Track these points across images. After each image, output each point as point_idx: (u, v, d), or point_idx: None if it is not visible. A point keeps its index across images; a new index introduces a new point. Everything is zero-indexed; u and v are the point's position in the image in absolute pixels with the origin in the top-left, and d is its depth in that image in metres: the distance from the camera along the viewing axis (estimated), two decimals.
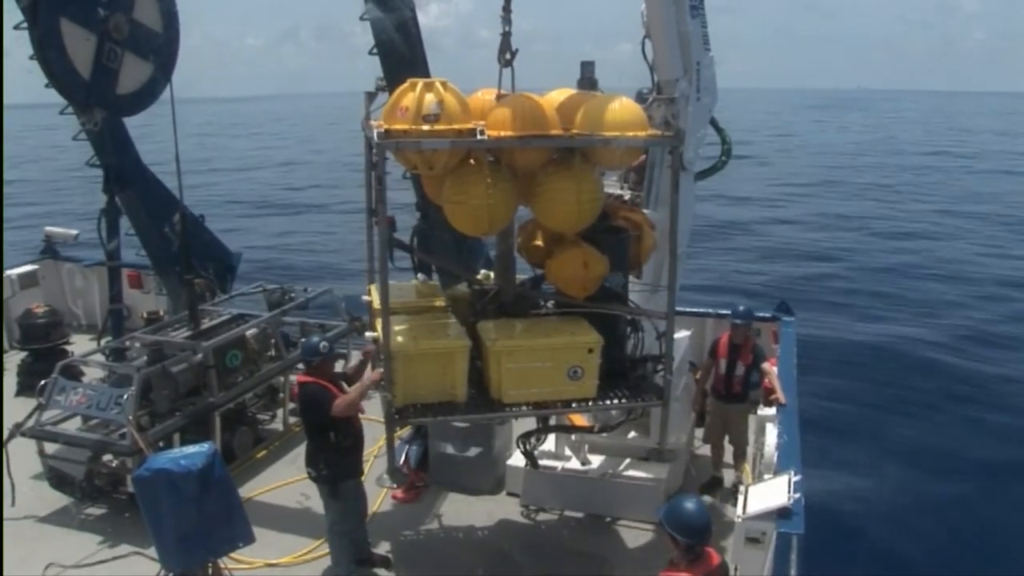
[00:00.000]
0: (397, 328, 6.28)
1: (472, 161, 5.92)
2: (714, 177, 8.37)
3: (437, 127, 5.43)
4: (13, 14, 8.23)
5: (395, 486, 6.22)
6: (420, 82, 5.56)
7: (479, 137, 5.46)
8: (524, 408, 6.23)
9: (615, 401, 6.38)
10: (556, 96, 6.29)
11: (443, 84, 5.59)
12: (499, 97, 6.11)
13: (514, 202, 6.16)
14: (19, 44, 8.38)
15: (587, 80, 7.52)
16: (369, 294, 7.25)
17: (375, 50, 8.28)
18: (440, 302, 6.99)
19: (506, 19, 6.14)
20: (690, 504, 4.74)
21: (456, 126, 5.48)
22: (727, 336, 8.12)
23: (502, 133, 5.62)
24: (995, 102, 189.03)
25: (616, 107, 5.82)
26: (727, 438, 8.36)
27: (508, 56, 6.11)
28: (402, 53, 8.27)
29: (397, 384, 5.96)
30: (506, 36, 6.13)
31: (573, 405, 6.30)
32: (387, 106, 5.68)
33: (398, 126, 5.46)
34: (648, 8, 7.04)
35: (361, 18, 8.26)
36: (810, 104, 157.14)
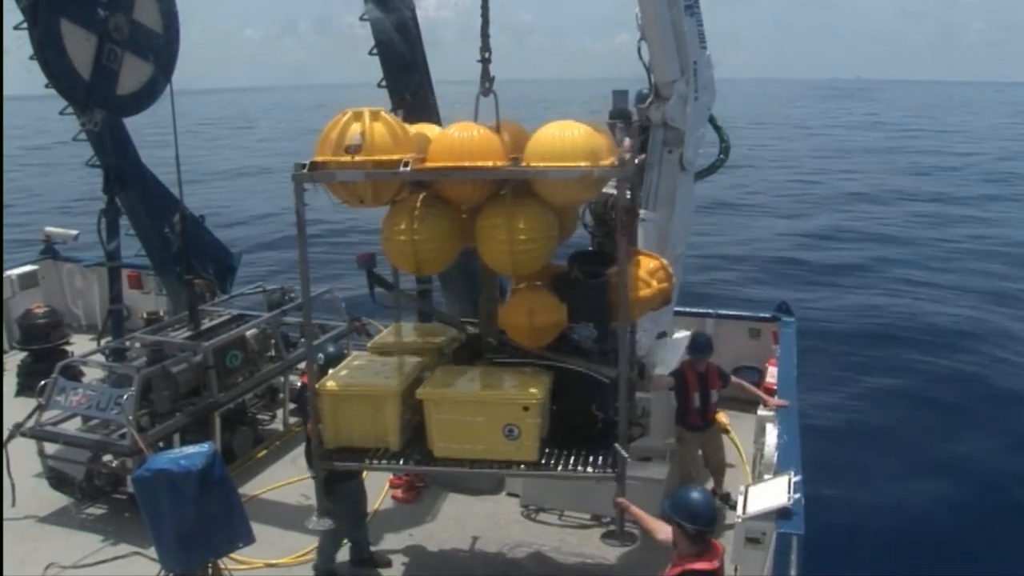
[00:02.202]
0: (348, 366, 6.19)
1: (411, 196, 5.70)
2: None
3: (357, 158, 5.27)
4: (13, 14, 8.25)
5: (325, 527, 6.09)
6: (351, 112, 5.43)
7: (403, 169, 5.22)
8: (460, 466, 5.79)
9: (561, 468, 5.75)
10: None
11: (374, 114, 5.40)
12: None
13: (451, 241, 5.81)
14: (19, 44, 8.39)
15: (619, 111, 7.38)
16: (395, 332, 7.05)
17: (375, 50, 8.31)
18: (436, 344, 6.66)
19: (485, 45, 5.92)
20: (696, 494, 4.87)
21: (377, 157, 5.26)
22: (689, 367, 7.70)
23: (443, 163, 5.34)
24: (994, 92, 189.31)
25: (560, 136, 5.32)
26: (701, 462, 8.07)
27: (487, 84, 5.93)
28: (402, 53, 8.30)
29: (327, 425, 5.80)
30: (485, 64, 5.94)
31: (520, 468, 5.75)
32: (321, 135, 5.52)
33: (321, 157, 5.35)
34: (643, 10, 7.01)
35: (361, 18, 8.30)
36: (809, 95, 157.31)
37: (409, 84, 8.43)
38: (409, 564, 7.14)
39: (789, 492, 5.57)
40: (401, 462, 5.92)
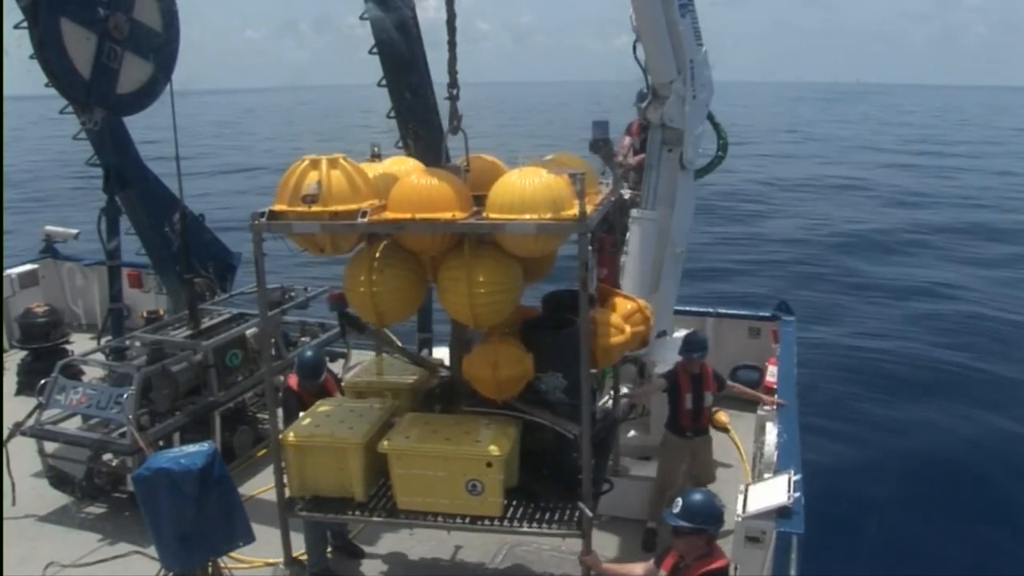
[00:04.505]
0: (313, 413, 6.14)
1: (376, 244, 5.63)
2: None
3: (314, 208, 5.19)
4: (13, 13, 8.25)
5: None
6: (309, 159, 5.33)
7: (359, 220, 5.13)
8: (423, 518, 5.68)
9: (527, 525, 5.59)
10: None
11: (333, 161, 5.30)
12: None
13: (412, 292, 5.74)
14: (19, 44, 8.40)
15: (599, 142, 7.30)
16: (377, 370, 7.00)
17: (375, 49, 8.31)
18: (409, 384, 6.59)
19: (453, 82, 5.85)
20: (701, 496, 4.84)
21: (333, 208, 5.15)
22: (683, 368, 7.33)
23: (396, 214, 5.23)
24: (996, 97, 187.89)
25: (520, 185, 5.13)
26: (683, 475, 7.57)
27: (455, 123, 5.86)
28: (402, 53, 8.30)
29: (292, 475, 5.77)
30: (453, 101, 5.86)
31: (485, 523, 5.62)
32: (280, 183, 5.44)
33: (278, 206, 5.29)
34: (637, 12, 6.99)
35: (361, 17, 8.30)
36: (810, 98, 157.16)
37: (409, 83, 8.44)
38: (409, 563, 7.14)
39: (789, 491, 5.57)
40: (365, 514, 5.84)
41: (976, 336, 17.81)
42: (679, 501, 4.75)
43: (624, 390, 7.46)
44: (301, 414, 6.26)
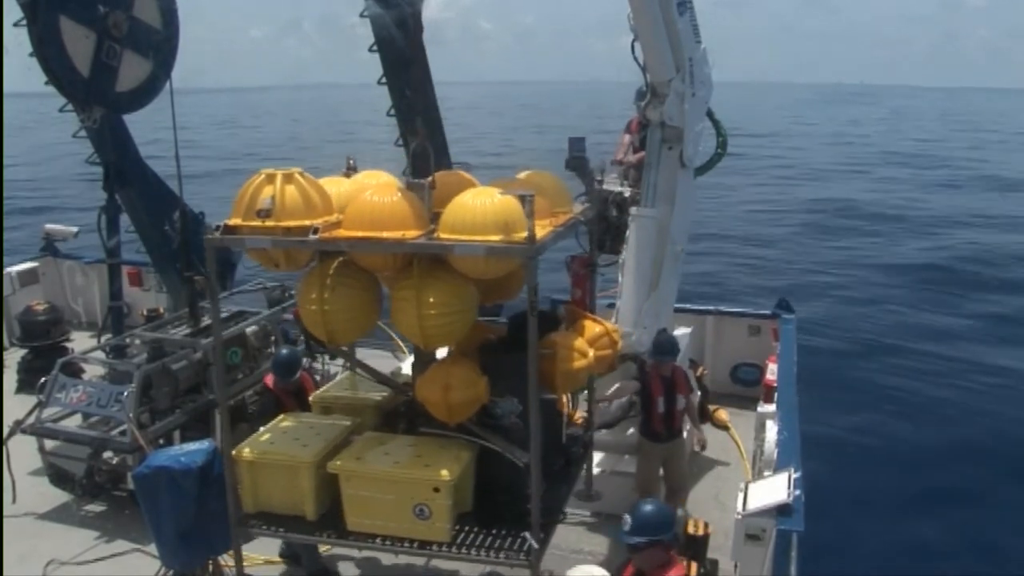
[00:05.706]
0: (272, 429, 6.06)
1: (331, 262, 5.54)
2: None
3: (267, 223, 5.11)
4: (13, 11, 8.24)
5: None
6: (264, 173, 5.25)
7: (311, 237, 5.01)
8: (373, 541, 5.51)
9: (475, 552, 5.37)
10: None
11: (288, 176, 5.22)
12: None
13: (365, 311, 5.61)
14: (19, 41, 8.39)
15: (575, 159, 7.26)
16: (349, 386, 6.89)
17: (375, 47, 8.31)
18: (376, 402, 6.47)
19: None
20: (649, 506, 4.74)
21: (286, 223, 5.07)
22: (654, 370, 7.27)
23: (349, 232, 5.14)
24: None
25: (472, 206, 5.03)
26: (660, 479, 7.54)
27: (421, 138, 5.80)
28: (402, 50, 8.30)
29: (245, 490, 5.68)
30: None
31: (431, 548, 5.44)
32: (236, 196, 5.36)
33: (233, 220, 5.22)
34: (634, 12, 6.97)
35: (361, 15, 8.30)
36: (813, 100, 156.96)
37: (409, 80, 8.44)
38: (407, 562, 7.13)
39: (789, 489, 5.57)
40: (316, 533, 5.71)
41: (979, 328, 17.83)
42: (627, 519, 4.64)
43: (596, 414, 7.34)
44: (261, 428, 6.13)
